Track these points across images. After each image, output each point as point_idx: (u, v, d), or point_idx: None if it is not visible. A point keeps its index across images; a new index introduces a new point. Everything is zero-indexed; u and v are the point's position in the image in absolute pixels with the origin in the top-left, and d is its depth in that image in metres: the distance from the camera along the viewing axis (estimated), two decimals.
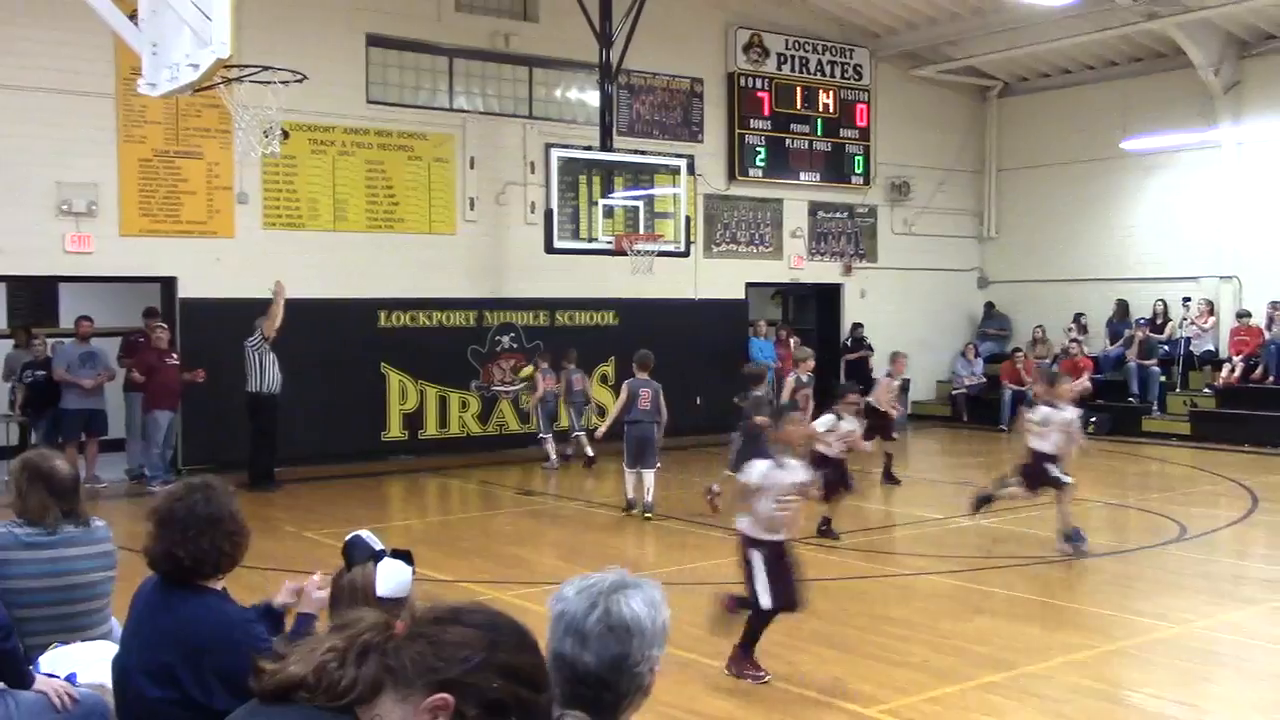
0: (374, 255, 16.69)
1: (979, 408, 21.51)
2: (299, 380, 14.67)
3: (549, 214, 16.21)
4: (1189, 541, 11.09)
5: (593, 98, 17.87)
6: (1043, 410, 10.60)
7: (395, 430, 16.95)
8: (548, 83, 18.39)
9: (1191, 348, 20.11)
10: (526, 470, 16.10)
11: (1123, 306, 21.18)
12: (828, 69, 21.30)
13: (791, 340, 20.90)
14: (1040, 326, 21.79)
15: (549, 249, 16.42)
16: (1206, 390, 19.56)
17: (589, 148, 16.91)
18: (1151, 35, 19.83)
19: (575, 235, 16.76)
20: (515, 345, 17.94)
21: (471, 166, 17.53)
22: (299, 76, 11.96)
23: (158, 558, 3.62)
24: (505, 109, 17.97)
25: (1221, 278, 20.18)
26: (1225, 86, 19.69)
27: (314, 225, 16.30)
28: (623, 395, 12.66)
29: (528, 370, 17.08)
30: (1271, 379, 18.77)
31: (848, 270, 21.92)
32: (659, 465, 12.61)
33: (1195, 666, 7.51)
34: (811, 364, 14.24)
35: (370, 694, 1.83)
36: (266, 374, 14.06)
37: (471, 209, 17.55)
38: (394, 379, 16.90)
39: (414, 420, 17.04)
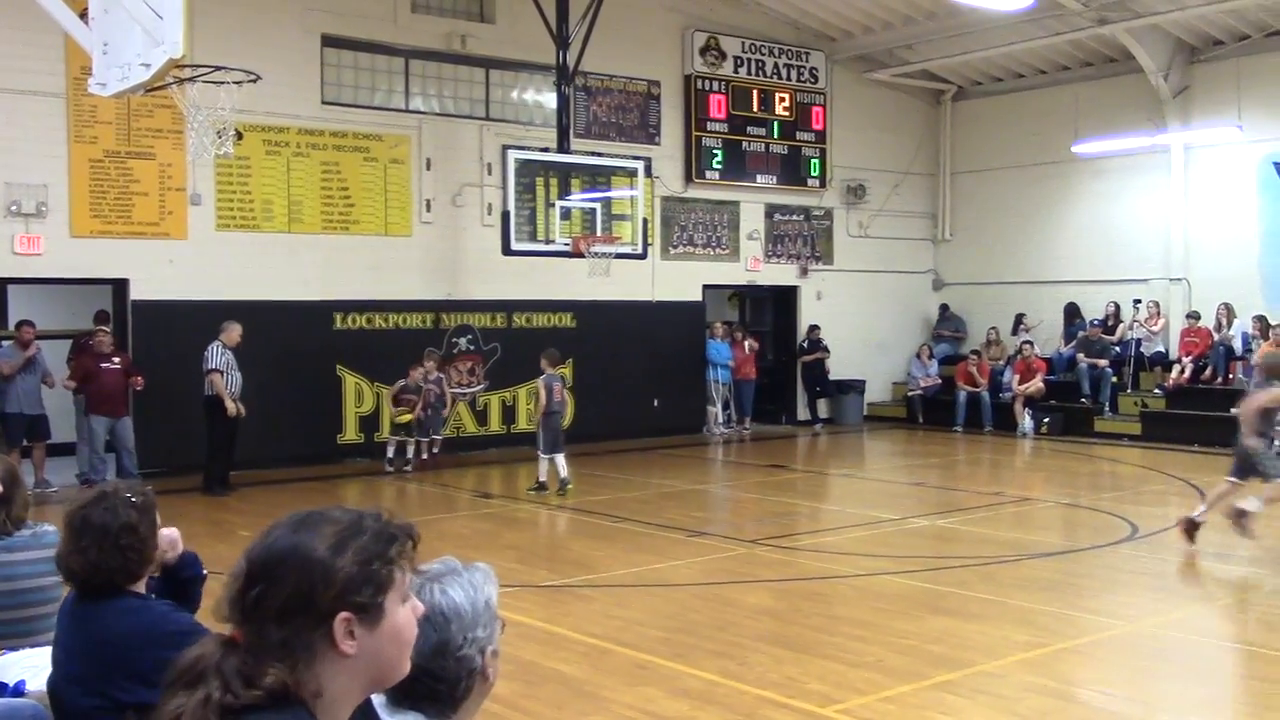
0: (329, 257, 16.59)
1: (934, 409, 21.68)
2: (253, 383, 14.53)
3: (506, 216, 16.18)
4: (1140, 540, 11.21)
5: (550, 99, 17.86)
6: None
7: (351, 433, 16.85)
8: (504, 84, 18.36)
9: (1142, 349, 20.36)
10: (483, 473, 16.05)
11: (1071, 310, 21.43)
12: (784, 72, 21.39)
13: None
14: (994, 328, 21.99)
15: (506, 251, 16.38)
16: (1157, 391, 19.81)
17: (546, 149, 16.89)
18: (1102, 40, 20.07)
19: (532, 237, 16.72)
20: (473, 347, 17.89)
21: (428, 168, 17.47)
22: (253, 77, 11.88)
23: (62, 566, 3.57)
24: (461, 110, 17.93)
25: (1171, 280, 20.45)
26: (1174, 91, 19.96)
27: (268, 227, 16.18)
28: (542, 390, 13.89)
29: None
30: (1220, 380, 19.03)
31: (804, 272, 22.03)
32: None
33: (1146, 664, 7.60)
34: None
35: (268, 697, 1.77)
36: (226, 378, 13.88)
37: (428, 210, 17.49)
38: (349, 381, 16.80)
39: (370, 423, 16.94)
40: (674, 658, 7.36)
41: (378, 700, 2.22)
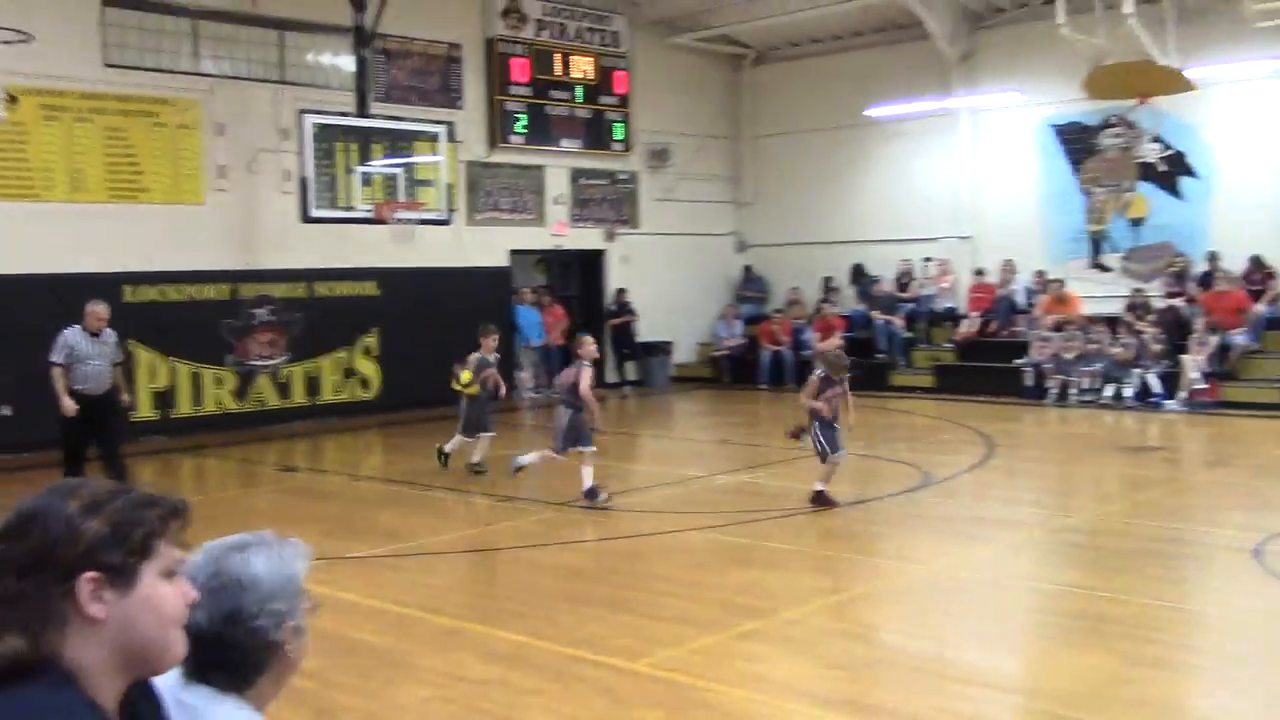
0: (116, 227, 15.81)
1: (740, 368, 22.11)
2: (38, 362, 13.76)
3: (304, 182, 15.73)
4: (932, 488, 11.69)
5: (348, 62, 17.37)
6: None
7: (146, 410, 16.16)
8: (300, 46, 17.76)
9: (933, 305, 21.18)
10: (287, 446, 15.64)
11: (857, 269, 22.17)
12: (586, 35, 21.35)
13: (556, 306, 20.98)
14: (795, 288, 22.53)
15: (305, 218, 15.94)
16: (948, 345, 20.65)
17: (345, 114, 16.46)
18: (892, 7, 20.63)
19: (333, 204, 16.32)
20: (273, 318, 17.36)
21: (220, 133, 16.81)
22: (23, 36, 11.22)
23: None
24: (255, 73, 17.27)
25: (959, 238, 21.30)
26: (960, 57, 20.73)
27: (48, 196, 15.34)
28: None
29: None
30: (1005, 333, 19.96)
31: (610, 236, 22.11)
32: None
33: (938, 604, 7.95)
34: None
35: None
36: (78, 372, 11.68)
37: (221, 177, 16.84)
38: (143, 356, 16.10)
39: (166, 399, 16.31)
40: (483, 622, 7.35)
41: (171, 678, 2.14)
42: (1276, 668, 6.44)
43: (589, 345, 11.29)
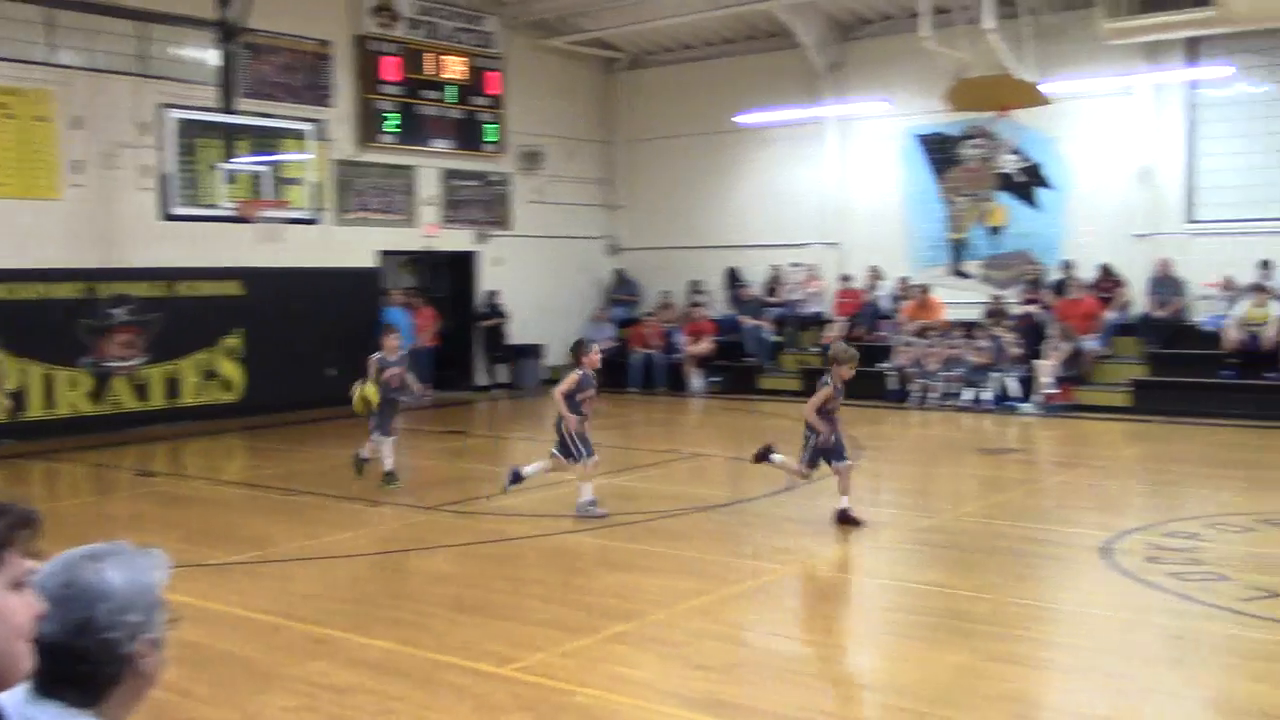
0: None
1: (610, 371, 22.03)
2: None
3: (165, 178, 15.30)
4: (799, 490, 11.83)
5: (212, 57, 16.94)
6: None
7: None
8: (162, 39, 17.25)
9: (801, 309, 21.51)
10: (145, 450, 15.17)
11: (731, 273, 22.41)
12: (459, 36, 21.18)
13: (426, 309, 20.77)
14: (667, 291, 22.67)
15: (165, 215, 15.50)
16: (814, 349, 20.98)
17: (209, 109, 16.04)
18: (763, 16, 20.96)
19: (195, 201, 15.93)
20: (131, 318, 16.83)
21: (76, 127, 16.23)
22: None
23: None
24: (114, 65, 16.73)
25: (826, 244, 21.68)
26: (829, 66, 21.11)
27: None
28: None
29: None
30: (870, 337, 20.34)
31: (482, 238, 21.96)
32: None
33: (804, 603, 8.08)
34: None
35: None
36: None
37: (76, 172, 16.26)
38: None
39: (16, 401, 15.67)
40: (351, 629, 7.22)
41: (16, 694, 2.06)
42: (1127, 661, 6.69)
43: (595, 356, 10.76)
